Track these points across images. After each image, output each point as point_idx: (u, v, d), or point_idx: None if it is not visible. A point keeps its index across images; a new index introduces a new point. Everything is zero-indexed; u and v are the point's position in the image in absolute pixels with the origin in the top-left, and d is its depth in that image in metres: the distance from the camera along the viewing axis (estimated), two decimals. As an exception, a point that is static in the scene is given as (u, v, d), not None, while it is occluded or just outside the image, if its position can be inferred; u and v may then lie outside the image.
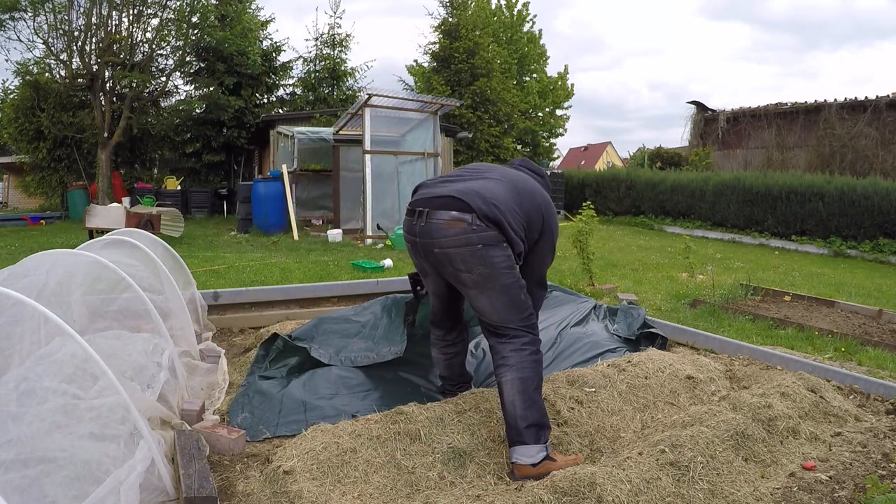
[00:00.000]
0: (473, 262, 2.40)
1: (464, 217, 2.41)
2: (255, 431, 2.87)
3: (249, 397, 3.14)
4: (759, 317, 5.20)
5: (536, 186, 2.68)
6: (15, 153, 19.91)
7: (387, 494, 2.26)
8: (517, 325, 2.49)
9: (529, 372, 2.44)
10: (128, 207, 10.31)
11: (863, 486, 2.36)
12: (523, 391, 2.42)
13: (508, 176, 2.64)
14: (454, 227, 2.41)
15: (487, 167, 2.75)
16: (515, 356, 2.46)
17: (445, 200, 2.47)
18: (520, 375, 2.43)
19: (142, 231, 4.08)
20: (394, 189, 10.81)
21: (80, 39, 14.53)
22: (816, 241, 11.16)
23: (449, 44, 19.52)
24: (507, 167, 2.84)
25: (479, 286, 2.44)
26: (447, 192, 2.50)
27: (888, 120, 12.81)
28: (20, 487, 1.83)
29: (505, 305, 2.46)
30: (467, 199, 2.42)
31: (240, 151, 18.51)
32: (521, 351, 2.46)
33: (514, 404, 2.42)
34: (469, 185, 2.51)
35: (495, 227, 2.41)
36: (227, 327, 4.56)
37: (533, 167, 2.87)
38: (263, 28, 19.71)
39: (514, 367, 2.45)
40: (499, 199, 2.46)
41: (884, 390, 3.33)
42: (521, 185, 2.61)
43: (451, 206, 2.45)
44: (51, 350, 2.42)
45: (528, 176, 2.74)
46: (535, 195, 2.62)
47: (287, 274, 6.78)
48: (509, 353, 2.47)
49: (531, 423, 2.40)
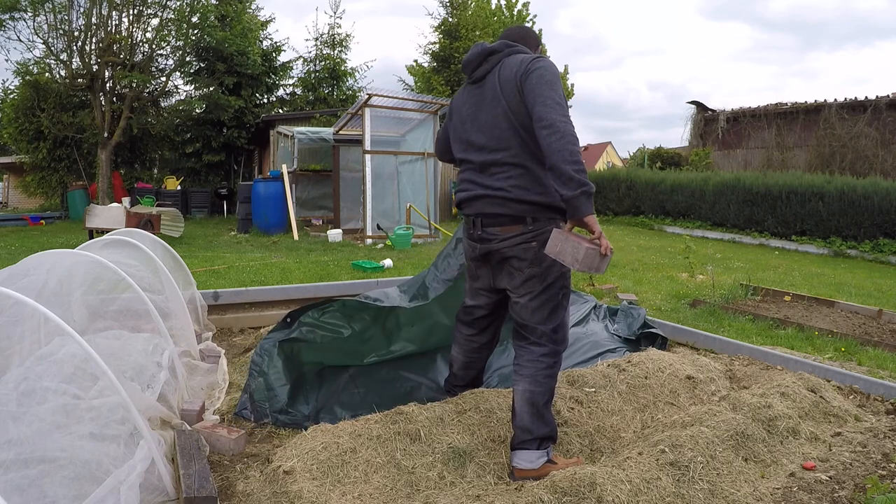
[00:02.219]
0: (526, 258, 2.42)
1: (517, 224, 2.42)
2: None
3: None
4: (759, 317, 5.20)
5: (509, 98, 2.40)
6: (15, 153, 19.92)
7: (387, 494, 2.26)
8: (545, 330, 2.48)
9: (542, 387, 2.45)
10: (128, 207, 10.31)
11: (863, 486, 2.36)
12: (533, 404, 2.44)
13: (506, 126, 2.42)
14: (511, 232, 2.43)
15: (478, 125, 2.52)
16: (531, 367, 2.47)
17: (495, 217, 2.46)
18: (531, 388, 2.45)
19: (142, 231, 4.07)
20: (394, 189, 10.81)
21: (80, 39, 14.53)
22: (816, 241, 11.16)
23: (449, 44, 19.52)
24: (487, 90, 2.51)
25: (528, 283, 2.45)
26: (498, 209, 2.44)
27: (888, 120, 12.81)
28: (20, 487, 1.83)
29: (545, 311, 2.46)
30: (516, 210, 2.41)
31: (240, 151, 18.51)
32: (538, 363, 2.47)
33: (523, 416, 2.44)
34: (506, 184, 2.42)
35: (547, 220, 2.41)
36: (227, 327, 4.55)
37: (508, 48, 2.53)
38: (263, 28, 19.71)
39: (528, 378, 2.46)
40: (535, 181, 2.39)
41: (884, 390, 3.33)
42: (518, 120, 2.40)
43: (504, 221, 2.44)
44: (51, 350, 2.42)
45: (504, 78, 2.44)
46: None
47: (287, 274, 6.78)
48: (526, 363, 2.48)
49: (536, 436, 2.42)
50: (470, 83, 2.59)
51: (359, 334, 3.45)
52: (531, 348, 2.49)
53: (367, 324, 3.49)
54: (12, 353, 2.51)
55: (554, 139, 2.20)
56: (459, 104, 2.64)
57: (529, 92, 2.30)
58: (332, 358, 3.39)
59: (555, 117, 2.22)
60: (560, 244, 2.21)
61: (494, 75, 2.47)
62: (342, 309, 3.42)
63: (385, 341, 3.56)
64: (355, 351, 3.46)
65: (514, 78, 2.36)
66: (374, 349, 3.52)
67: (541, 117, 2.24)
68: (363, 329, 3.47)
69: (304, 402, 3.09)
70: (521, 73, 2.34)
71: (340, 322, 3.42)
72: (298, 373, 3.22)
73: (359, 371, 3.39)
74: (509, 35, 2.63)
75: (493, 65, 2.49)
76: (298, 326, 3.34)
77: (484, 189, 2.47)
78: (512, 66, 2.41)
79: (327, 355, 3.37)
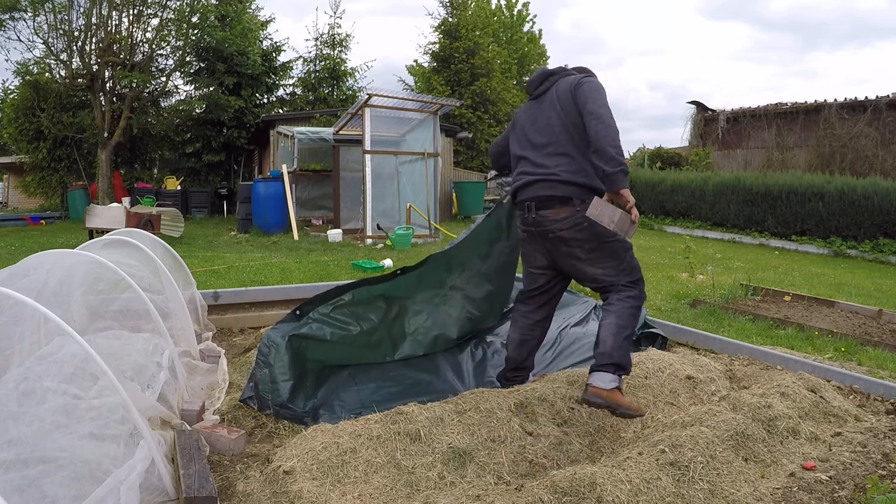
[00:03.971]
0: (582, 237, 2.80)
1: (566, 206, 2.81)
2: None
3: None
4: (759, 317, 5.20)
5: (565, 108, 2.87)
6: (15, 153, 19.92)
7: (387, 494, 2.26)
8: (625, 282, 2.87)
9: (626, 321, 2.80)
10: (128, 207, 10.31)
11: (863, 486, 2.36)
12: (616, 335, 2.76)
13: (558, 126, 2.88)
14: (561, 214, 2.82)
15: (537, 128, 2.97)
16: (619, 304, 2.82)
17: (547, 199, 2.85)
18: (617, 322, 2.78)
19: (142, 231, 4.07)
20: (394, 189, 10.81)
21: (80, 39, 14.53)
22: (816, 241, 11.16)
23: (449, 44, 19.52)
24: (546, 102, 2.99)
25: (591, 256, 2.84)
26: (549, 191, 2.84)
27: (888, 120, 12.81)
28: (20, 487, 1.83)
29: (614, 269, 2.86)
30: (565, 192, 2.81)
31: (240, 151, 18.51)
32: (624, 301, 2.83)
33: (606, 342, 2.75)
34: (557, 168, 2.83)
35: (592, 195, 2.76)
36: (227, 327, 4.55)
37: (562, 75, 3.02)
38: (263, 28, 19.70)
39: (615, 313, 2.80)
40: (581, 167, 2.81)
41: (884, 390, 3.33)
42: (570, 122, 2.84)
43: (555, 202, 2.83)
44: (51, 350, 2.42)
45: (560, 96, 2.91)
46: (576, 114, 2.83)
47: (287, 274, 6.78)
48: (615, 301, 2.84)
49: (615, 361, 2.72)
50: (531, 99, 3.09)
51: (367, 334, 3.46)
52: (618, 294, 2.86)
53: (375, 325, 3.50)
54: (12, 353, 2.51)
55: (601, 128, 2.67)
56: (521, 116, 3.11)
57: (581, 95, 2.79)
58: (337, 356, 3.39)
59: (602, 112, 2.71)
60: (599, 208, 2.65)
61: (552, 91, 2.96)
62: (352, 305, 3.44)
63: (391, 346, 3.58)
64: (361, 352, 3.47)
65: (568, 89, 2.87)
66: (380, 354, 3.54)
67: (591, 111, 2.72)
68: (371, 330, 3.48)
69: (305, 398, 3.10)
70: (575, 85, 2.85)
71: (349, 319, 3.43)
72: (302, 368, 3.23)
73: (359, 369, 3.40)
74: (541, 76, 3.11)
75: (552, 84, 2.99)
76: (308, 322, 3.34)
77: (538, 174, 2.89)
78: (567, 81, 2.92)
79: (333, 353, 3.37)
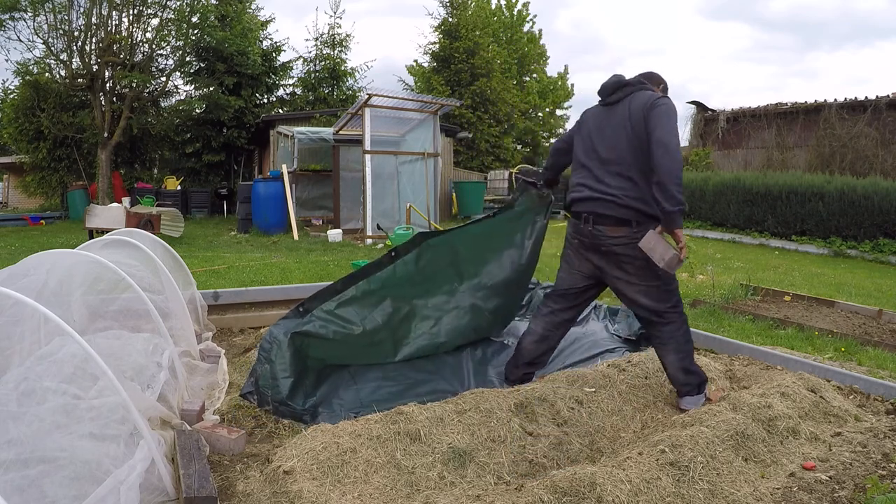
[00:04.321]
0: (634, 254, 2.87)
1: (623, 226, 2.89)
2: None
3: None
4: (759, 317, 5.20)
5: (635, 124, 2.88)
6: (15, 153, 19.90)
7: (387, 494, 2.26)
8: (666, 308, 2.98)
9: (685, 352, 3.00)
10: (128, 207, 10.31)
11: (863, 486, 2.36)
12: (683, 368, 2.99)
13: (623, 148, 2.90)
14: (618, 233, 2.90)
15: (602, 142, 2.99)
16: (672, 342, 2.99)
17: (606, 217, 2.93)
18: (677, 357, 2.98)
19: (142, 231, 4.07)
20: (394, 189, 10.81)
21: (80, 39, 14.52)
22: (816, 241, 11.15)
23: (449, 44, 19.52)
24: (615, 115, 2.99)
25: (638, 273, 2.93)
26: (608, 210, 2.91)
27: (888, 120, 12.80)
28: (20, 487, 1.83)
29: (657, 290, 2.95)
30: (624, 214, 2.88)
31: (240, 151, 18.51)
32: (675, 336, 2.99)
33: (678, 377, 3.00)
34: (618, 191, 2.88)
35: (649, 224, 2.84)
36: (227, 327, 4.55)
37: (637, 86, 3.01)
38: (263, 28, 19.69)
39: (673, 349, 2.98)
40: (641, 193, 2.85)
41: (884, 390, 3.33)
42: (636, 142, 2.86)
43: (612, 220, 2.90)
44: (51, 350, 2.42)
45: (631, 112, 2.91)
46: (643, 134, 2.84)
47: (287, 274, 6.78)
48: (668, 340, 3.00)
49: (693, 385, 3.00)
50: (602, 104, 3.08)
51: (370, 333, 3.45)
52: (666, 329, 2.99)
53: (379, 326, 3.49)
54: (12, 353, 2.51)
55: (667, 160, 2.70)
56: (590, 118, 3.12)
57: (652, 119, 2.79)
58: (339, 355, 3.39)
59: (669, 141, 2.72)
60: (654, 243, 2.76)
61: (626, 103, 2.94)
62: (358, 303, 3.43)
63: (392, 348, 3.56)
64: (363, 351, 3.46)
65: (641, 109, 2.85)
66: (382, 354, 3.53)
67: (659, 139, 2.73)
68: (375, 330, 3.47)
69: (305, 396, 3.10)
70: (649, 106, 2.83)
71: (354, 318, 3.43)
72: (303, 366, 3.23)
73: (359, 368, 3.40)
74: (639, 76, 3.10)
75: (626, 94, 2.97)
76: (311, 319, 3.34)
77: (598, 193, 2.94)
78: (642, 99, 2.89)
79: (335, 352, 3.37)
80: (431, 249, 3.61)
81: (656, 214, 2.81)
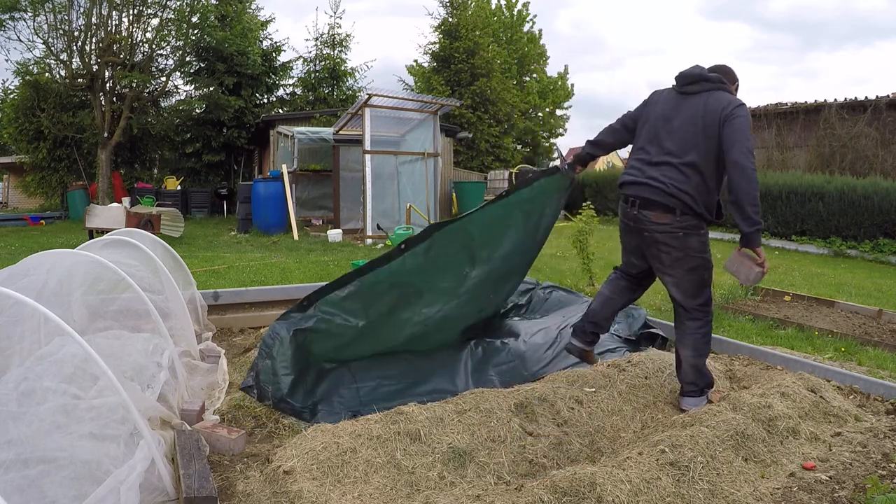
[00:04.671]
0: (674, 244, 2.93)
1: (668, 213, 2.93)
2: None
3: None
4: (759, 317, 5.20)
5: (707, 119, 2.89)
6: (15, 153, 19.91)
7: (387, 494, 2.26)
8: (695, 305, 3.03)
9: (701, 352, 3.05)
10: (128, 207, 10.31)
11: (863, 486, 2.36)
12: (695, 366, 3.04)
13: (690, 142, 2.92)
14: (662, 219, 2.94)
15: (668, 133, 2.99)
16: (691, 339, 3.04)
17: (652, 202, 2.97)
18: (692, 353, 3.03)
19: (142, 231, 4.07)
20: (394, 189, 10.80)
21: (80, 39, 14.53)
22: (816, 241, 11.15)
23: (449, 44, 19.51)
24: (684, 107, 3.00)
25: (673, 265, 2.99)
26: (654, 196, 2.95)
27: (888, 120, 12.80)
28: (20, 487, 1.83)
29: (689, 285, 3.01)
30: (669, 202, 2.91)
31: (240, 151, 18.51)
32: (696, 334, 3.04)
33: (688, 374, 3.05)
34: (667, 180, 2.92)
35: (693, 217, 2.90)
36: (227, 327, 4.55)
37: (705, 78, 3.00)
38: (263, 28, 19.70)
39: (690, 347, 3.04)
40: (691, 187, 2.88)
41: (884, 390, 3.33)
42: (703, 130, 2.89)
43: (658, 206, 2.94)
44: (51, 350, 2.42)
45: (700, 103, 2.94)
46: (708, 125, 2.88)
47: (287, 274, 6.78)
48: (688, 336, 3.05)
49: (700, 386, 3.06)
50: (678, 91, 3.06)
51: (373, 326, 3.41)
52: (689, 323, 3.05)
53: (383, 316, 3.44)
54: (12, 353, 2.51)
55: (744, 182, 2.75)
56: (660, 101, 3.11)
57: (730, 134, 2.80)
58: (343, 348, 3.37)
59: (747, 164, 2.76)
60: (737, 265, 2.92)
61: (702, 98, 2.94)
62: (361, 296, 3.35)
63: (395, 334, 3.52)
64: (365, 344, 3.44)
65: (719, 112, 2.86)
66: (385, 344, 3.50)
67: (737, 162, 2.76)
68: (378, 321, 3.42)
69: (305, 393, 3.11)
70: (727, 114, 2.83)
71: (358, 311, 3.36)
72: (305, 363, 3.22)
73: (359, 367, 3.39)
74: (715, 69, 3.09)
75: (704, 89, 2.97)
76: (315, 314, 3.30)
77: (648, 179, 2.98)
78: (720, 100, 2.90)
79: (338, 345, 3.35)
80: (445, 236, 3.50)
81: (701, 212, 2.90)
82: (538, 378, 3.39)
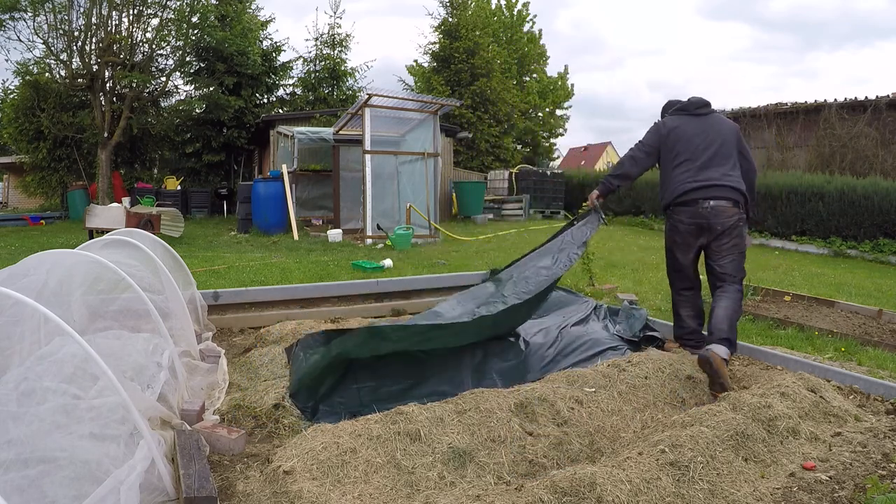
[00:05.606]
0: (735, 232, 3.66)
1: (735, 206, 3.67)
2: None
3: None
4: (759, 317, 5.20)
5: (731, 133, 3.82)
6: (15, 153, 19.92)
7: (387, 494, 2.26)
8: (739, 278, 3.72)
9: (737, 307, 3.63)
10: (128, 207, 10.31)
11: (863, 486, 2.36)
12: (730, 318, 3.54)
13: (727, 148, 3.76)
14: (731, 212, 3.65)
15: (711, 143, 3.75)
16: (733, 296, 3.64)
17: (726, 199, 3.66)
18: (732, 308, 3.58)
19: (142, 231, 4.07)
20: (394, 189, 10.80)
21: (80, 39, 14.53)
22: (816, 241, 11.15)
23: (449, 44, 19.52)
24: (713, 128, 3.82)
25: (730, 246, 3.68)
26: (726, 194, 3.65)
27: (888, 120, 12.80)
28: (20, 487, 1.83)
29: (737, 264, 3.71)
30: (735, 196, 3.66)
31: (240, 151, 18.51)
32: (736, 294, 3.67)
33: (722, 324, 3.51)
34: (729, 181, 3.67)
35: (743, 208, 3.73)
36: (227, 327, 4.55)
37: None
38: (263, 28, 19.71)
39: (731, 300, 3.61)
40: (741, 185, 3.70)
41: (884, 390, 3.33)
42: (730, 146, 3.78)
43: (728, 201, 3.65)
44: (51, 350, 2.42)
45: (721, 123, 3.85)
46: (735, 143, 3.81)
47: (287, 274, 6.78)
48: (731, 291, 3.66)
49: (729, 338, 3.49)
50: (691, 114, 3.84)
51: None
52: (732, 286, 3.68)
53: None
54: (12, 353, 2.51)
55: (753, 177, 3.85)
56: (681, 124, 3.81)
57: (744, 148, 3.83)
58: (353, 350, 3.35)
59: (755, 165, 3.89)
60: (746, 238, 3.80)
61: (714, 117, 3.83)
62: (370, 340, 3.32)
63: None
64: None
65: (734, 128, 3.83)
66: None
67: (752, 163, 3.85)
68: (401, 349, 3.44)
69: (307, 393, 3.11)
70: (737, 129, 3.86)
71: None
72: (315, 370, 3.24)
73: (360, 367, 3.39)
74: (703, 101, 3.92)
75: (710, 111, 3.86)
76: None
77: (717, 181, 3.65)
78: (726, 119, 3.88)
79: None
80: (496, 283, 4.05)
81: (745, 205, 3.75)
82: (538, 378, 3.39)
